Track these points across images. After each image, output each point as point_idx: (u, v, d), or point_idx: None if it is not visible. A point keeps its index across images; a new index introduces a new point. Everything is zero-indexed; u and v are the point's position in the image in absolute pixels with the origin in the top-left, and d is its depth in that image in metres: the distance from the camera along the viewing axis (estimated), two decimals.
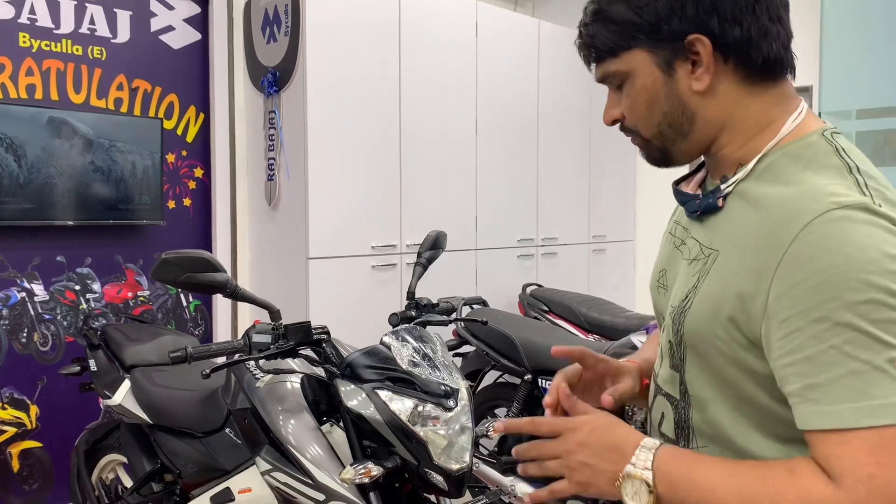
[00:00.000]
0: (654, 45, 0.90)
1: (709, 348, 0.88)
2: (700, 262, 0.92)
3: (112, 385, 2.41)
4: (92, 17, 3.06)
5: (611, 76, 0.95)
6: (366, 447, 1.79)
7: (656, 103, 0.92)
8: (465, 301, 3.02)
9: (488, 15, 3.93)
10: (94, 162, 2.95)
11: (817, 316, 0.76)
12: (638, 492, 0.85)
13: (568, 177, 4.48)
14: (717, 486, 0.82)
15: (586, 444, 0.89)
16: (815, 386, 0.77)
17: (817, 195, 0.80)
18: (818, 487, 0.77)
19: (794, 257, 0.78)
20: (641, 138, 0.96)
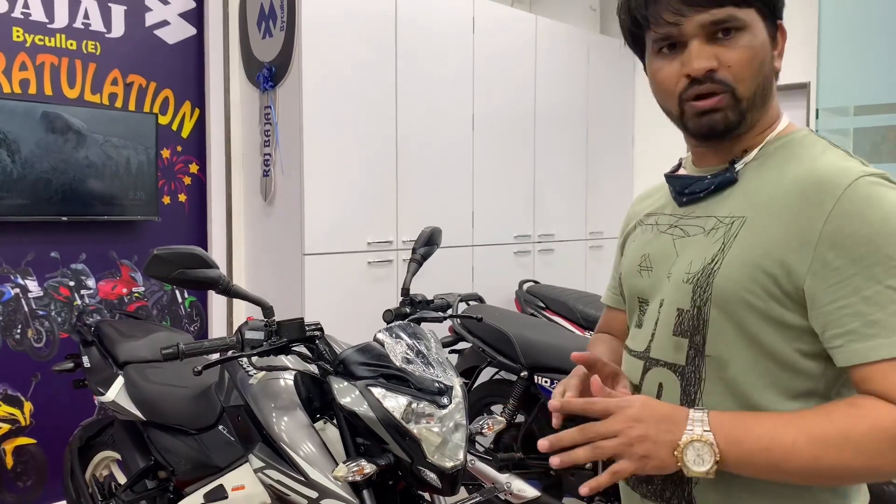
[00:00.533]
0: (766, 13, 0.97)
1: (739, 305, 0.93)
2: (722, 230, 0.98)
3: (106, 382, 2.40)
4: (86, 11, 3.04)
5: (731, 21, 0.94)
6: (359, 444, 1.78)
7: (763, 65, 0.97)
8: (461, 297, 3.01)
9: (485, 10, 3.92)
10: (88, 157, 2.93)
11: (872, 261, 0.86)
12: (700, 455, 0.88)
13: (565, 173, 4.47)
14: (784, 434, 0.86)
15: (641, 419, 0.90)
16: (873, 322, 0.85)
17: (843, 168, 0.91)
18: (886, 412, 0.83)
19: (842, 215, 0.87)
20: (733, 96, 0.96)
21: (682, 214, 1.06)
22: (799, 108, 4.37)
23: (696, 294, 0.98)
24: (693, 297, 0.98)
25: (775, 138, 1.01)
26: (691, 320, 0.99)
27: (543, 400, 2.94)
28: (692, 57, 0.95)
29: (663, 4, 0.96)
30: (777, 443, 0.86)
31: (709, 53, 0.95)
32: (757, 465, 0.88)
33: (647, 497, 1.05)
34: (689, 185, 1.05)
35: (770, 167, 0.98)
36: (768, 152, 1.00)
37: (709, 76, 0.95)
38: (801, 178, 0.93)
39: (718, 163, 1.04)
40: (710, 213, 1.02)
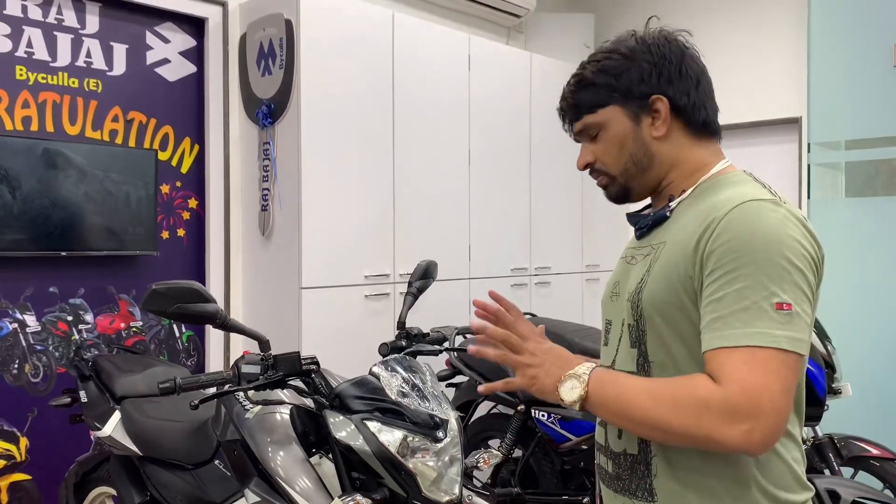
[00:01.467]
0: (626, 103, 1.22)
1: (663, 312, 1.13)
2: (651, 255, 1.20)
3: (102, 416, 2.41)
4: (88, 50, 3.10)
5: (589, 127, 1.25)
6: (355, 479, 1.79)
7: (625, 145, 1.23)
8: (457, 331, 3.02)
9: (481, 47, 3.99)
10: (88, 193, 2.96)
11: (732, 267, 1.05)
12: (573, 387, 1.11)
13: (561, 206, 4.50)
14: (634, 385, 1.09)
15: (548, 352, 1.17)
16: (718, 318, 1.05)
17: (743, 193, 1.12)
18: (705, 384, 1.04)
19: (720, 228, 1.08)
20: (608, 177, 1.26)
21: (637, 246, 1.28)
22: (791, 143, 4.43)
23: (634, 309, 1.18)
24: (632, 311, 1.19)
25: (707, 180, 1.21)
26: (636, 332, 1.19)
27: (541, 434, 2.94)
28: (579, 156, 1.30)
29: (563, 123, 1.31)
30: (628, 391, 1.08)
31: (588, 151, 1.28)
32: (609, 408, 1.10)
33: (619, 492, 1.22)
34: (636, 222, 1.29)
35: (696, 203, 1.19)
36: (699, 191, 1.21)
37: (590, 167, 1.29)
38: (710, 203, 1.14)
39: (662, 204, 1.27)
40: (649, 242, 1.24)
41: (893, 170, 3.92)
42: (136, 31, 3.25)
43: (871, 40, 3.96)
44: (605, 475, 1.26)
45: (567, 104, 1.28)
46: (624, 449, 1.20)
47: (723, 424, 1.00)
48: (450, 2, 4.40)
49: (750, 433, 0.99)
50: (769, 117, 4.44)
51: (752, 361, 1.01)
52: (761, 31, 4.48)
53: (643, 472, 1.17)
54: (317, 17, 3.23)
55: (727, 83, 4.58)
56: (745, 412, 0.99)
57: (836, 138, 4.07)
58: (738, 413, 1.00)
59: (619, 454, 1.22)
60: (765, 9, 4.47)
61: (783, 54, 4.40)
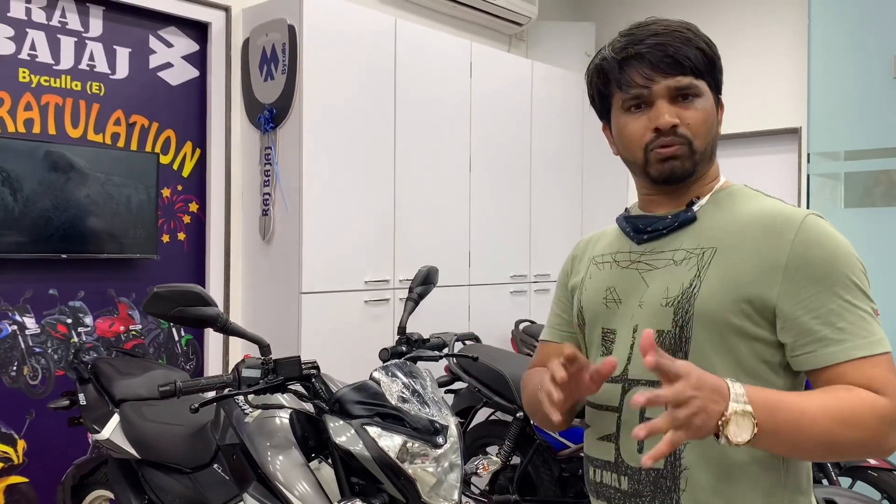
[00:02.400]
0: (715, 85, 1.18)
1: (719, 322, 1.09)
2: (694, 259, 1.14)
3: (101, 419, 2.40)
4: (91, 53, 3.11)
5: (692, 88, 1.14)
6: (354, 484, 1.79)
7: (713, 126, 1.17)
8: (457, 337, 3.02)
9: (482, 55, 4.00)
10: (89, 196, 2.97)
11: (832, 280, 1.06)
12: (740, 427, 0.95)
13: (560, 214, 4.51)
14: (808, 407, 0.99)
15: (699, 387, 0.93)
16: (840, 329, 1.04)
17: (790, 208, 1.12)
18: (876, 398, 1.01)
19: (803, 243, 1.07)
20: (690, 148, 1.15)
21: (643, 251, 1.21)
22: (791, 153, 4.44)
23: (678, 314, 1.12)
24: (675, 318, 1.12)
25: (721, 188, 1.20)
26: (673, 339, 1.12)
27: (539, 441, 2.94)
28: (660, 113, 1.13)
29: (636, 70, 1.14)
30: (804, 417, 0.98)
31: (672, 111, 1.14)
32: (783, 437, 0.98)
33: None
34: (651, 223, 1.20)
35: (723, 209, 1.17)
36: (718, 198, 1.19)
37: (673, 130, 1.13)
38: (757, 215, 1.13)
39: (671, 208, 1.20)
40: (676, 247, 1.17)
41: (892, 180, 3.93)
42: (139, 35, 3.26)
43: (871, 52, 3.97)
44: (613, 493, 1.16)
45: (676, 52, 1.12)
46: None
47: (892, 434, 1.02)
48: (452, 9, 4.42)
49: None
50: (769, 127, 4.45)
51: (891, 368, 1.04)
52: (762, 43, 4.49)
53: (669, 488, 1.11)
54: (320, 23, 3.24)
55: (728, 93, 4.60)
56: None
57: (836, 149, 4.09)
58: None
59: (638, 469, 1.13)
60: (765, 20, 4.48)
61: (783, 65, 4.42)
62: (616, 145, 1.23)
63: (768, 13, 4.48)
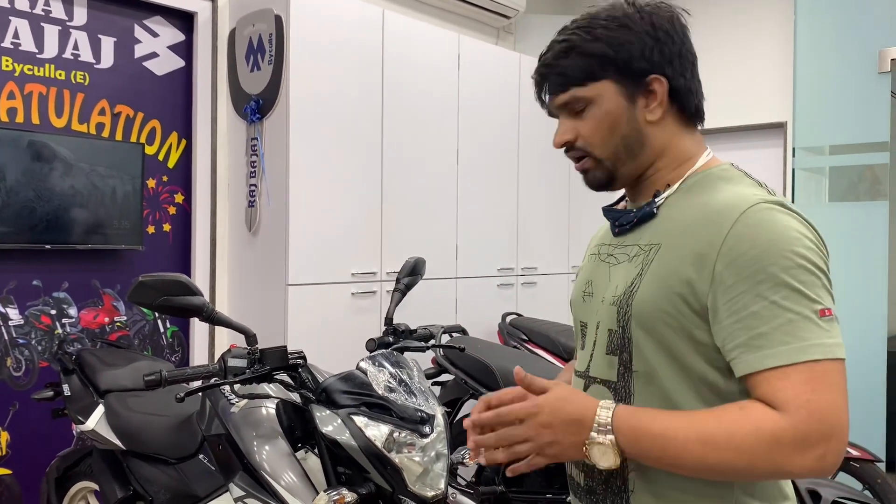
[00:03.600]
0: (622, 79, 1.09)
1: (656, 322, 1.03)
2: (641, 256, 1.09)
3: (86, 410, 2.39)
4: (76, 42, 3.08)
5: (576, 101, 1.11)
6: (340, 474, 1.79)
7: (617, 127, 1.10)
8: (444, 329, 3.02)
9: (470, 47, 3.99)
10: (73, 186, 2.94)
11: (759, 279, 0.96)
12: (605, 453, 0.98)
13: (548, 207, 4.52)
14: (678, 433, 0.96)
15: (549, 425, 1.00)
16: (759, 335, 0.95)
17: (745, 195, 1.02)
18: (767, 416, 0.93)
19: (736, 236, 0.98)
20: (593, 159, 1.13)
21: (617, 244, 1.18)
22: (776, 147, 4.47)
23: (620, 315, 1.08)
24: (618, 317, 1.09)
25: (695, 172, 1.12)
26: (619, 339, 1.09)
27: None
28: (556, 132, 1.14)
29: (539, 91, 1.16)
30: (671, 443, 0.96)
31: (568, 127, 1.13)
32: (653, 461, 0.98)
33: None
34: (618, 217, 1.17)
35: (688, 198, 1.10)
36: (687, 185, 1.11)
37: (569, 146, 1.13)
38: (707, 205, 1.05)
39: (646, 198, 1.16)
40: (635, 241, 1.13)
41: (876, 175, 3.96)
42: (124, 25, 3.23)
43: (856, 47, 4.00)
44: (577, 488, 1.17)
45: (550, 72, 1.11)
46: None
47: (795, 455, 0.92)
48: (440, 1, 4.41)
49: (823, 458, 0.92)
50: (755, 122, 4.48)
51: (813, 379, 0.93)
52: (748, 37, 4.51)
53: (619, 488, 1.08)
54: (307, 14, 3.22)
55: (714, 87, 4.62)
56: (817, 438, 0.91)
57: (821, 143, 4.11)
58: (809, 440, 0.91)
59: (592, 467, 1.11)
60: (752, 15, 4.50)
61: (769, 60, 4.44)
62: None
63: (754, 8, 4.50)
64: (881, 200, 3.94)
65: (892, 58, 3.89)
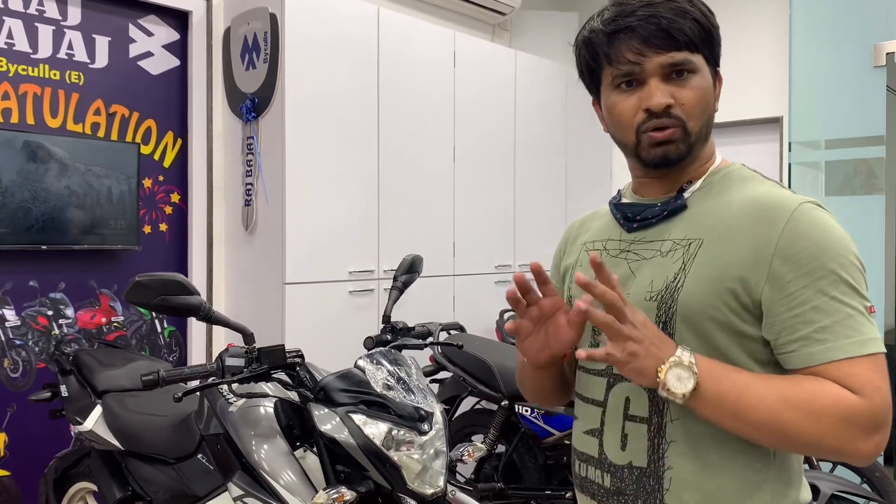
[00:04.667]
0: (710, 60, 1.09)
1: (702, 318, 1.03)
2: (680, 251, 1.08)
3: (83, 411, 2.38)
4: (70, 42, 3.07)
5: (684, 64, 1.05)
6: (339, 472, 1.78)
7: (708, 104, 1.09)
8: (442, 326, 3.03)
9: (466, 45, 3.99)
10: (69, 186, 2.93)
11: (820, 275, 0.98)
12: (681, 379, 0.97)
13: (544, 204, 4.52)
14: (758, 386, 0.97)
15: (646, 326, 0.98)
16: (823, 328, 0.97)
17: (785, 194, 1.04)
18: (847, 394, 0.95)
19: (791, 234, 1.00)
20: (684, 130, 1.07)
21: (633, 240, 1.14)
22: (772, 142, 4.47)
23: (661, 310, 1.06)
24: (658, 312, 1.06)
25: (716, 170, 1.12)
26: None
27: (524, 429, 2.95)
28: (652, 93, 1.05)
29: (626, 44, 1.05)
30: (751, 391, 0.97)
31: (665, 91, 1.05)
32: (725, 406, 0.97)
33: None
34: (640, 211, 1.13)
35: (714, 195, 1.10)
36: (712, 182, 1.11)
37: (666, 111, 1.05)
38: (748, 203, 1.05)
39: (662, 192, 1.14)
40: (664, 237, 1.11)
41: (871, 169, 3.96)
42: (118, 24, 3.22)
43: (851, 41, 4.00)
44: (597, 489, 1.13)
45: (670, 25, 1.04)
46: (629, 461, 1.08)
47: (862, 437, 0.95)
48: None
49: (879, 444, 0.96)
50: (751, 117, 4.48)
51: (877, 370, 0.97)
52: (743, 33, 4.51)
53: (653, 487, 1.06)
54: (302, 12, 3.22)
55: None
56: (883, 422, 0.96)
57: (817, 138, 4.12)
58: (878, 424, 0.95)
59: (621, 467, 1.09)
60: (746, 11, 4.50)
61: (765, 55, 4.44)
62: (606, 123, 1.14)
63: (750, 4, 4.50)
64: (877, 194, 3.95)
65: (887, 52, 3.89)
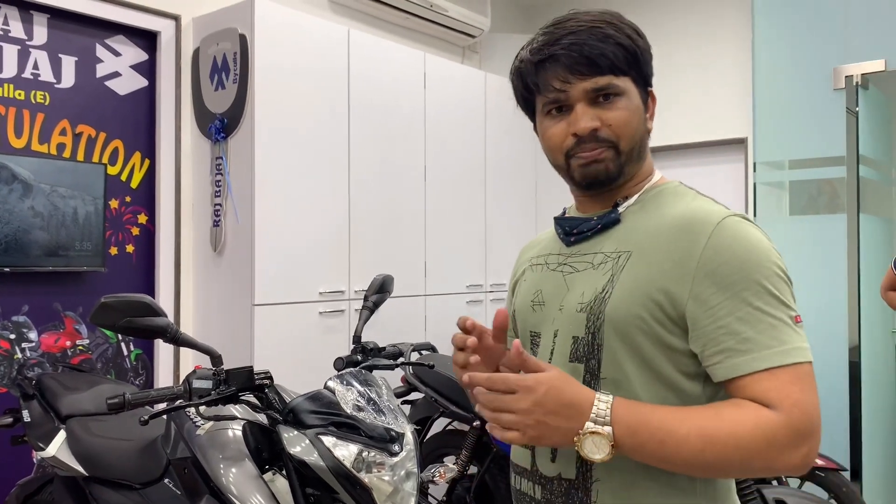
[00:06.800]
0: (639, 81, 1.12)
1: (629, 328, 1.04)
2: (610, 263, 1.10)
3: (47, 436, 2.33)
4: (36, 62, 3.03)
5: (609, 88, 1.09)
6: (309, 495, 1.76)
7: (637, 124, 1.11)
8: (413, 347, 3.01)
9: (436, 66, 4.02)
10: (33, 207, 2.89)
11: (742, 287, 0.99)
12: (598, 445, 0.96)
13: (515, 223, 4.54)
14: (678, 427, 0.96)
15: (542, 404, 0.96)
16: (746, 339, 0.98)
17: (712, 209, 1.07)
18: (764, 413, 0.96)
19: (714, 247, 1.01)
20: (615, 150, 1.10)
21: (570, 253, 1.18)
22: (737, 162, 4.55)
23: (590, 321, 1.08)
24: (587, 324, 1.09)
25: (652, 187, 1.15)
26: (586, 346, 1.09)
27: (496, 450, 2.94)
28: (579, 118, 1.09)
29: (552, 73, 1.10)
30: (672, 436, 0.96)
31: (591, 115, 1.09)
32: (648, 455, 0.97)
33: None
34: (577, 225, 1.17)
35: (649, 210, 1.12)
36: (647, 198, 1.14)
37: (592, 135, 1.09)
38: (677, 218, 1.07)
39: (600, 208, 1.17)
40: (597, 250, 1.14)
41: (835, 189, 4.05)
42: (85, 44, 3.19)
43: (813, 64, 4.10)
44: (529, 501, 1.14)
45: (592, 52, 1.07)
46: (558, 473, 1.10)
47: (788, 451, 0.95)
48: (405, 20, 4.43)
49: (808, 454, 0.97)
50: (717, 138, 4.56)
51: (798, 380, 0.97)
52: (708, 57, 4.61)
53: (581, 499, 1.08)
54: (271, 33, 3.22)
55: (676, 105, 4.69)
56: (806, 434, 0.96)
57: (781, 158, 4.20)
58: (801, 437, 0.96)
59: (551, 479, 1.10)
60: (710, 35, 4.60)
61: (729, 78, 4.53)
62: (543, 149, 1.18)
63: (713, 29, 4.60)
64: (840, 213, 4.03)
65: (846, 74, 3.99)
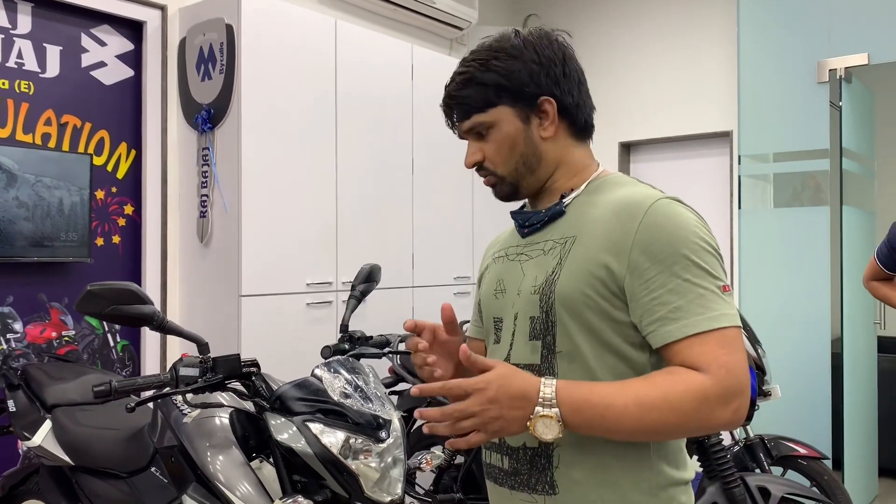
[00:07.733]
0: (516, 103, 1.23)
1: (577, 304, 1.15)
2: (558, 248, 1.22)
3: (32, 426, 2.32)
4: (20, 51, 3.01)
5: (478, 126, 1.24)
6: (296, 482, 1.77)
7: (516, 146, 1.24)
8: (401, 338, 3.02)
9: (423, 58, 4.02)
10: (18, 197, 2.87)
11: (673, 261, 1.10)
12: (548, 426, 1.06)
13: (503, 216, 4.56)
14: (616, 399, 1.06)
15: (496, 400, 1.05)
16: (677, 308, 1.09)
17: (647, 193, 1.18)
18: (693, 377, 1.06)
19: (647, 226, 1.12)
20: (497, 177, 1.26)
21: (525, 244, 1.29)
22: (723, 155, 4.58)
23: (543, 301, 1.19)
24: (541, 304, 1.20)
25: (597, 178, 1.28)
26: (542, 324, 1.20)
27: None
28: (466, 154, 1.27)
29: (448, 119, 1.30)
30: (611, 409, 1.06)
31: (476, 149, 1.26)
32: (595, 428, 1.07)
33: (516, 488, 1.21)
34: (528, 218, 1.29)
35: (592, 200, 1.24)
36: (590, 189, 1.26)
37: (479, 166, 1.27)
38: (616, 202, 1.19)
39: (549, 202, 1.30)
40: (547, 238, 1.26)
41: (818, 183, 4.09)
42: (71, 33, 3.17)
43: (797, 58, 4.13)
44: (498, 473, 1.24)
45: (454, 102, 1.26)
46: (523, 443, 1.20)
47: (719, 409, 1.05)
48: (392, 12, 4.43)
49: (738, 410, 1.07)
50: (702, 131, 4.59)
51: (725, 343, 1.07)
52: (694, 51, 4.63)
53: (543, 465, 1.18)
54: (258, 23, 3.21)
55: (662, 98, 4.72)
56: (734, 392, 1.06)
57: (765, 151, 4.23)
58: (730, 395, 1.06)
59: (516, 449, 1.21)
60: (696, 29, 4.62)
61: (715, 72, 4.56)
62: None
63: (699, 23, 4.62)
64: (823, 206, 4.07)
65: (829, 68, 4.03)
